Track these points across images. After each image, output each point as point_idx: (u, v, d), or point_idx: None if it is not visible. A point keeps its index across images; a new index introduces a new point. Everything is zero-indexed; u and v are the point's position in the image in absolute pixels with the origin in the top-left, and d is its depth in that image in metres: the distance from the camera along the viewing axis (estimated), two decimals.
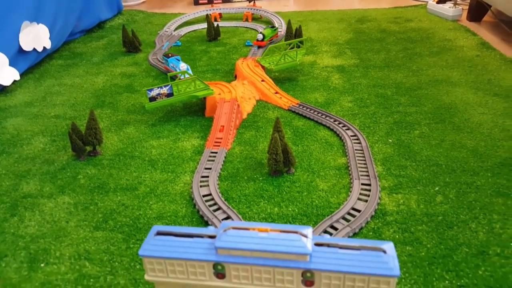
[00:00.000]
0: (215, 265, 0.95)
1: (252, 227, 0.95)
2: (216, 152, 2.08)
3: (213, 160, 2.03)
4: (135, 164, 2.04)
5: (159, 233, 1.00)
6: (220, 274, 0.97)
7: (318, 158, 2.03)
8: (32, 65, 3.37)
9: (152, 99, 2.33)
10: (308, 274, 0.92)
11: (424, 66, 3.09)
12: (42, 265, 1.46)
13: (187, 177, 1.94)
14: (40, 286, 1.37)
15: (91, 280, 1.39)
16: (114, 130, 2.40)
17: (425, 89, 2.71)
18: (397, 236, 1.51)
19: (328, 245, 0.94)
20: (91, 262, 1.46)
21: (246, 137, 2.26)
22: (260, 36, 3.50)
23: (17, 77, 3.03)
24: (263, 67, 2.94)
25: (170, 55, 3.15)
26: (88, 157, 2.11)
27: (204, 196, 1.77)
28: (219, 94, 2.52)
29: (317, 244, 0.94)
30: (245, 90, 2.69)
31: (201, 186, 1.84)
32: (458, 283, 1.30)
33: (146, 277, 1.01)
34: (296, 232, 0.93)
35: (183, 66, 2.94)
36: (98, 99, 2.82)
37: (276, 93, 2.69)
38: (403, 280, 1.33)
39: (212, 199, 1.75)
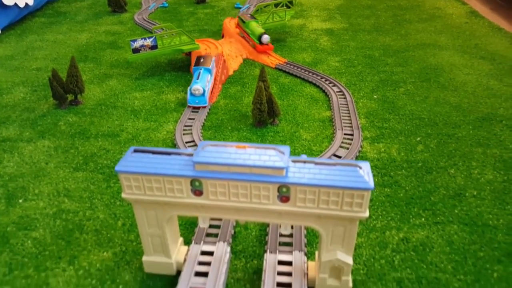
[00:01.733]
0: (193, 181, 0.95)
1: (231, 145, 0.95)
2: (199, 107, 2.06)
3: (197, 112, 2.01)
4: (117, 114, 2.01)
5: (136, 151, 0.99)
6: (197, 191, 0.96)
7: (302, 112, 2.03)
8: (13, 21, 3.26)
9: (136, 50, 2.29)
10: (284, 189, 0.92)
11: (413, 31, 3.08)
12: (20, 201, 1.44)
13: (170, 126, 1.92)
14: (18, 220, 1.35)
15: (70, 214, 1.38)
16: (97, 82, 2.35)
17: (412, 52, 2.71)
18: (376, 180, 1.52)
19: (304, 162, 0.94)
20: (70, 198, 1.45)
21: (231, 92, 2.24)
22: (267, 38, 2.56)
23: None
24: None
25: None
26: (70, 106, 2.07)
27: (187, 142, 1.76)
28: (205, 49, 2.48)
29: (293, 161, 0.94)
30: (232, 48, 2.65)
31: (184, 134, 1.82)
32: (434, 220, 1.33)
33: (123, 195, 1.00)
34: (273, 149, 0.93)
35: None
36: (81, 54, 2.75)
37: (264, 52, 2.66)
38: (380, 217, 1.35)
39: (195, 145, 1.74)
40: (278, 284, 1.07)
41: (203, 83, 2.05)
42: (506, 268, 1.15)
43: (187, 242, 1.24)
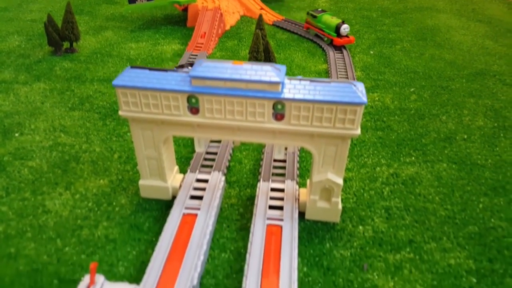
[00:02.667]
0: (189, 98, 0.96)
1: (227, 62, 0.96)
2: (196, 55, 2.06)
3: (194, 61, 2.00)
4: (112, 61, 2.01)
5: (133, 68, 1.00)
6: (194, 108, 0.98)
7: (299, 64, 2.03)
8: None
9: (132, 1, 2.26)
10: (279, 106, 0.94)
11: None
12: (16, 135, 1.45)
13: None
14: (15, 151, 1.37)
15: (67, 147, 1.39)
16: (92, 33, 2.33)
17: (410, 14, 2.70)
18: (369, 124, 1.55)
19: (300, 80, 0.95)
20: (66, 134, 1.46)
21: (228, 45, 2.23)
22: (347, 28, 2.15)
23: None
24: None
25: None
26: (65, 54, 2.06)
27: None
28: (202, 3, 2.45)
29: (289, 79, 0.96)
30: (229, 4, 2.63)
31: None
32: (424, 159, 1.36)
33: (120, 112, 1.01)
34: (270, 65, 0.94)
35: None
36: (76, 8, 2.72)
37: (262, 9, 2.64)
38: (371, 155, 1.38)
39: None
40: (270, 207, 1.10)
41: None
42: (491, 200, 1.19)
43: (183, 173, 1.26)
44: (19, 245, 1.03)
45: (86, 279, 0.88)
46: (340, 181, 1.03)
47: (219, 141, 1.38)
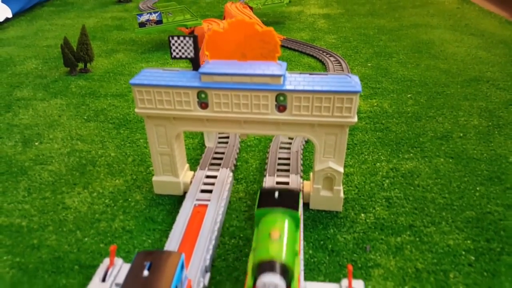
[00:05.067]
0: (199, 93, 1.05)
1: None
2: None
3: None
4: (124, 79, 2.12)
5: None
6: (203, 103, 1.06)
7: None
8: (23, 9, 3.40)
9: (142, 24, 2.41)
10: (281, 98, 1.02)
11: (406, 15, 3.21)
12: (36, 143, 1.54)
13: None
14: (35, 157, 1.45)
15: (84, 152, 1.48)
16: (105, 56, 2.47)
17: (406, 30, 2.83)
18: (368, 126, 1.62)
19: (300, 73, 1.04)
20: (83, 141, 1.55)
21: None
22: None
23: (10, 15, 3.07)
24: (251, 8, 3.02)
25: None
26: (80, 74, 2.19)
27: None
28: (208, 26, 2.60)
29: (290, 73, 1.05)
30: None
31: None
32: (422, 155, 1.43)
33: (136, 109, 1.10)
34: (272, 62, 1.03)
35: None
36: (89, 34, 2.87)
37: None
38: (371, 153, 1.45)
39: None
40: None
41: None
42: (488, 188, 1.25)
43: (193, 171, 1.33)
44: (41, 237, 1.10)
45: (106, 261, 0.94)
46: (341, 169, 1.10)
47: (226, 142, 1.46)
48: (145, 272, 0.73)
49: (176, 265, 0.75)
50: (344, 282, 0.86)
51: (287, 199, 0.92)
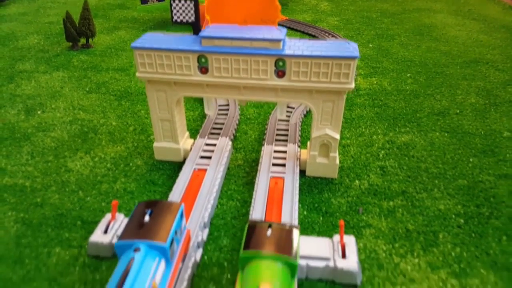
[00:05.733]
0: (199, 58, 1.07)
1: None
2: None
3: None
4: (126, 55, 2.14)
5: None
6: (203, 68, 1.09)
7: None
8: None
9: (144, 1, 2.41)
10: (280, 63, 1.04)
11: (409, 0, 3.21)
12: (38, 112, 1.57)
13: None
14: (37, 125, 1.48)
15: (86, 121, 1.50)
16: (106, 32, 2.48)
17: (408, 14, 2.83)
18: (367, 102, 1.65)
19: (299, 39, 1.06)
20: (85, 111, 1.58)
21: None
22: None
23: None
24: None
25: None
26: (82, 49, 2.20)
27: None
28: None
29: (290, 38, 1.06)
30: None
31: None
32: (418, 129, 1.45)
33: (137, 74, 1.12)
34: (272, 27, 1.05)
35: None
36: (91, 12, 2.88)
37: None
38: (368, 127, 1.47)
39: None
40: (274, 164, 1.20)
41: None
42: (481, 160, 1.27)
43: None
44: (44, 196, 1.13)
45: (108, 216, 0.98)
46: (337, 136, 1.12)
47: (226, 114, 1.49)
48: (146, 218, 0.76)
49: (176, 213, 0.78)
50: (336, 237, 0.89)
51: (282, 240, 0.74)
